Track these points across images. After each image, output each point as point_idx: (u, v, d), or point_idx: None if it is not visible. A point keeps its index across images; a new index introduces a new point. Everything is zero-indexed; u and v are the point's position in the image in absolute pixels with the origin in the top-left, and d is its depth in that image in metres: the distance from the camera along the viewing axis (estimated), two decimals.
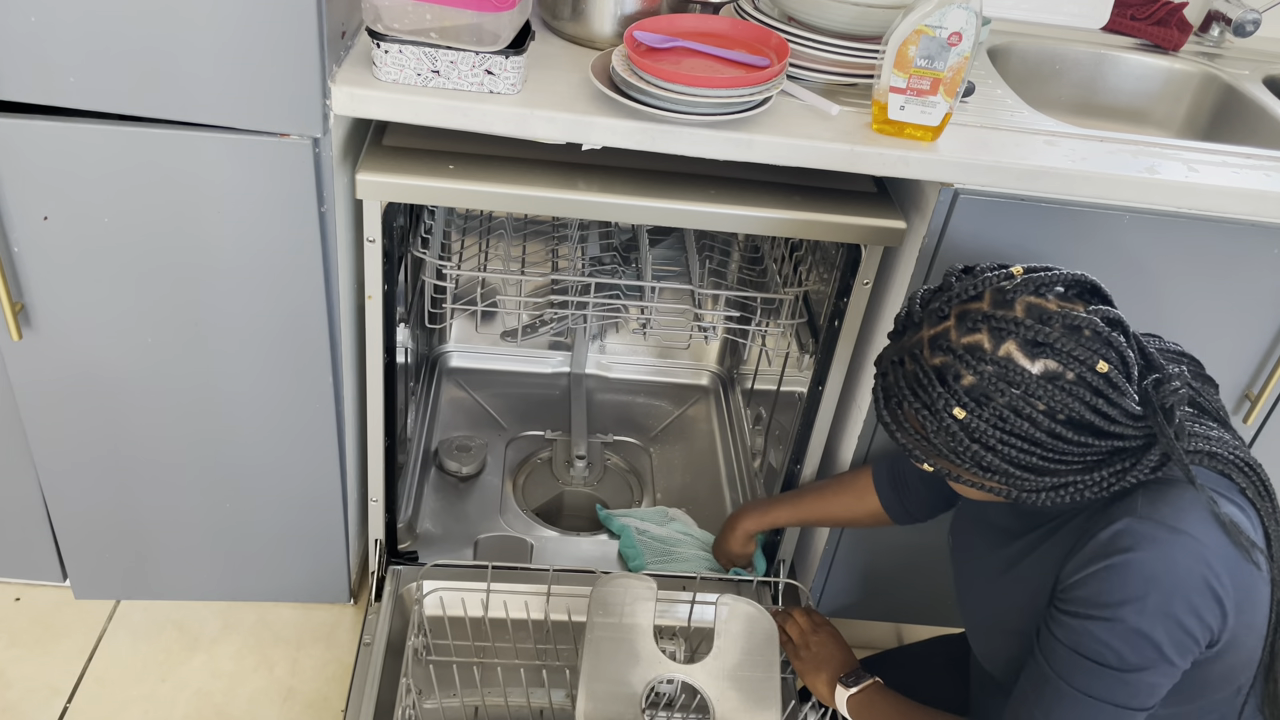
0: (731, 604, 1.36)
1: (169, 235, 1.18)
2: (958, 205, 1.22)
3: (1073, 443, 0.89)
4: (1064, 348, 0.87)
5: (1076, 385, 0.87)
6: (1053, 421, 0.88)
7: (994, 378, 0.87)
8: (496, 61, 1.13)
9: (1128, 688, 0.90)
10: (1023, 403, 0.87)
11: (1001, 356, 0.87)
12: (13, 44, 1.03)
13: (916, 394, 0.91)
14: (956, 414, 0.89)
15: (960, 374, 0.88)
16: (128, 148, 1.12)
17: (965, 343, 0.89)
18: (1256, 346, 1.35)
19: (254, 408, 1.34)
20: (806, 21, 1.27)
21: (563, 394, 2.00)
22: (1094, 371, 0.87)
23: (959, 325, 0.90)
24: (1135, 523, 0.89)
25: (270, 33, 1.04)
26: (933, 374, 0.90)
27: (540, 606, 1.46)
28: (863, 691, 1.20)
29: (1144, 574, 0.88)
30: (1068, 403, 0.87)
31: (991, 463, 0.90)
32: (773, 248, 1.71)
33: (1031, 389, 0.87)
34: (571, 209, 1.23)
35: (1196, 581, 0.87)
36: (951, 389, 0.89)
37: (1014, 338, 0.88)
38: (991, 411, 0.88)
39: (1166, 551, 0.88)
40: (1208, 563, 0.88)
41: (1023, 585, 1.02)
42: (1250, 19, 1.64)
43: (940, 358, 0.90)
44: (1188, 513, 0.89)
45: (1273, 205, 1.23)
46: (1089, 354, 0.87)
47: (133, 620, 1.59)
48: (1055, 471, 0.91)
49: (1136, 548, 0.88)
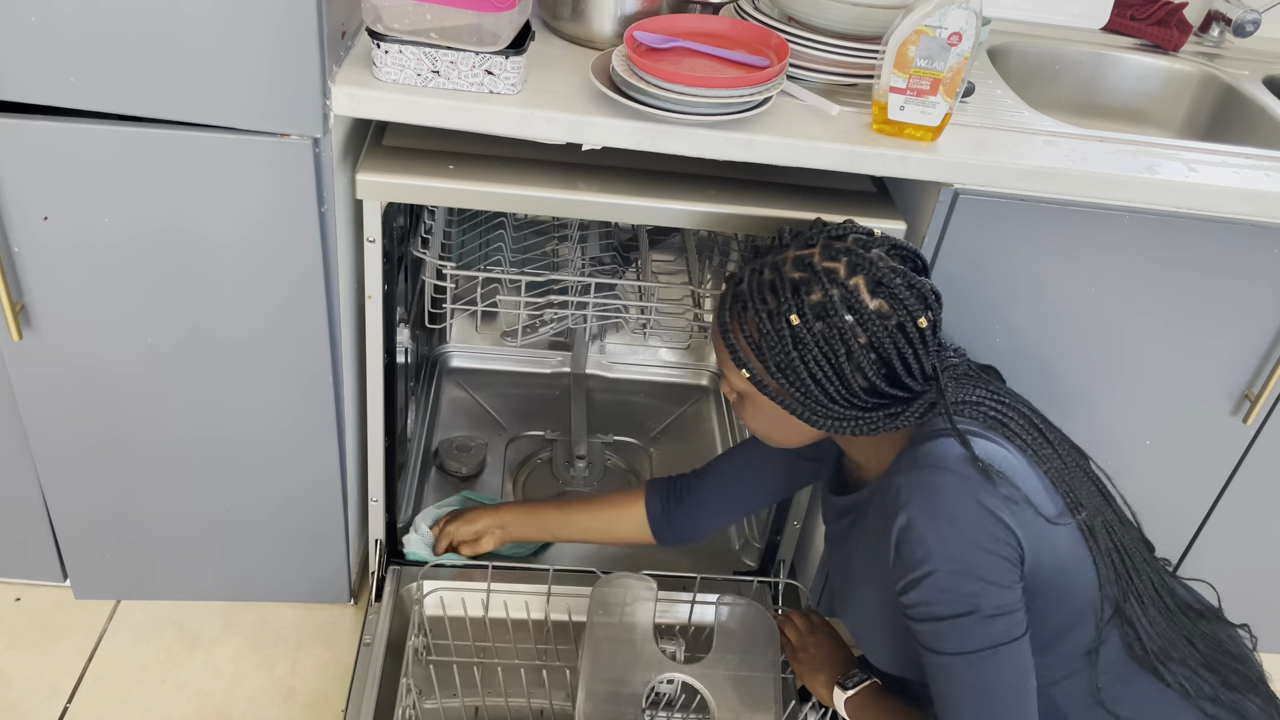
0: (731, 604, 1.36)
1: (169, 235, 1.18)
2: (958, 205, 1.22)
3: (868, 380, 1.01)
4: (900, 295, 0.99)
5: (897, 331, 1.00)
6: (867, 353, 1.00)
7: (838, 300, 0.99)
8: (496, 62, 1.13)
9: (986, 625, 0.97)
10: (850, 330, 0.99)
11: (851, 285, 0.99)
12: (13, 44, 1.03)
13: (766, 299, 1.02)
14: (792, 320, 1.00)
15: (811, 289, 1.00)
16: (128, 148, 1.12)
17: (825, 266, 1.01)
18: (1256, 346, 1.35)
19: (254, 408, 1.34)
20: (806, 22, 1.27)
21: (563, 394, 2.00)
22: (914, 323, 1.00)
23: (823, 252, 1.02)
24: (902, 478, 1.00)
25: (270, 33, 1.04)
26: (788, 284, 1.01)
27: (540, 606, 1.46)
28: (860, 693, 1.21)
29: (926, 519, 0.97)
30: (884, 342, 0.99)
31: (799, 374, 1.01)
32: None
33: (862, 319, 0.99)
34: (571, 209, 1.23)
35: (970, 504, 0.96)
36: (799, 299, 1.00)
37: (865, 274, 1.00)
38: (822, 327, 0.99)
39: (933, 491, 0.98)
40: (971, 487, 0.97)
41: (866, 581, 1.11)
42: (1250, 19, 1.64)
43: (799, 273, 1.01)
44: (941, 454, 0.99)
45: (1273, 205, 1.23)
46: (917, 307, 1.00)
47: (133, 620, 1.59)
48: (841, 401, 1.02)
49: (910, 501, 0.98)
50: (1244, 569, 1.60)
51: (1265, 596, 1.65)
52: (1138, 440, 1.43)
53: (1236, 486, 1.49)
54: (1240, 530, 1.54)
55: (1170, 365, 1.36)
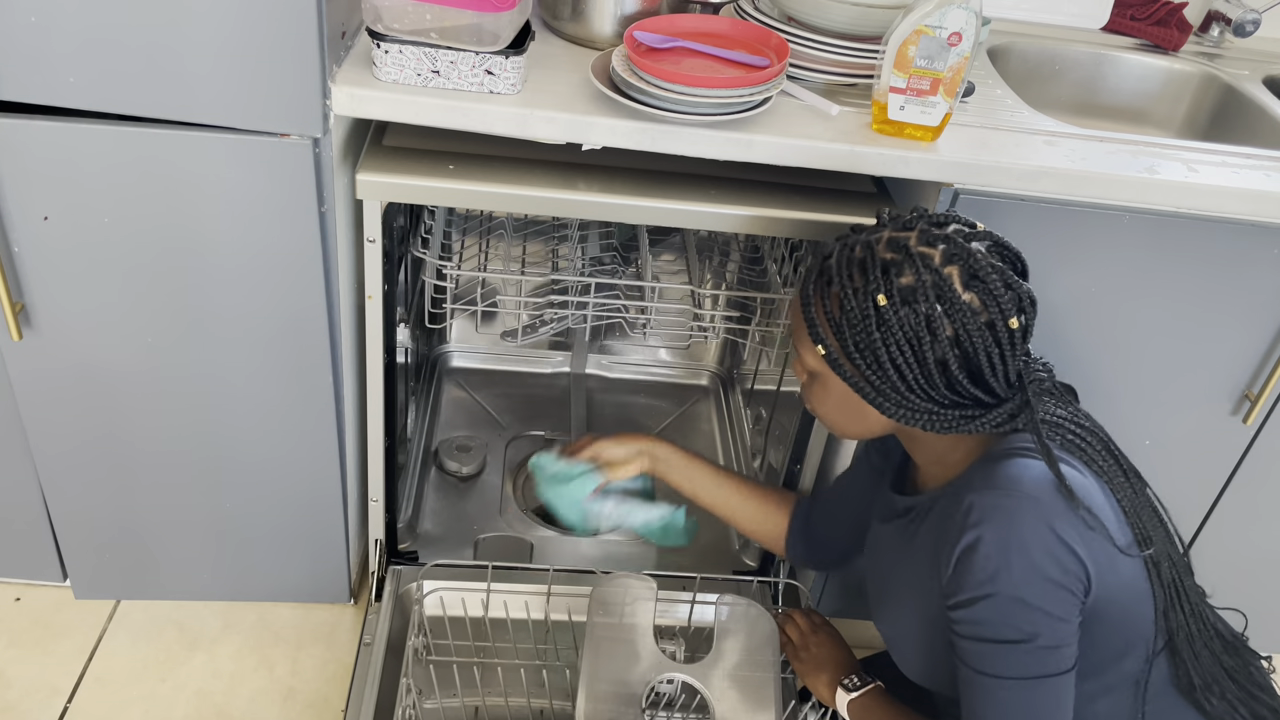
0: (731, 604, 1.36)
1: (169, 235, 1.18)
2: (958, 205, 1.22)
3: (949, 375, 0.97)
4: (995, 291, 0.96)
5: (986, 328, 0.96)
6: (952, 347, 0.96)
7: (929, 286, 0.95)
8: (496, 62, 1.13)
9: (1038, 655, 0.94)
10: (939, 318, 0.96)
11: (944, 273, 0.96)
12: (13, 44, 1.03)
13: (854, 275, 0.99)
14: (879, 299, 0.96)
15: (903, 271, 0.96)
16: (128, 148, 1.12)
17: (920, 250, 0.97)
18: (1256, 346, 1.35)
19: (254, 408, 1.34)
20: (806, 21, 1.27)
21: (563, 394, 2.00)
22: (1005, 323, 0.96)
23: (920, 236, 0.98)
24: (975, 497, 0.96)
25: (270, 33, 1.05)
26: (879, 264, 0.97)
27: (540, 606, 1.46)
28: (863, 695, 1.21)
29: (997, 543, 0.94)
30: (971, 337, 0.96)
31: (877, 358, 0.98)
32: (773, 248, 1.71)
33: (952, 310, 0.95)
34: (571, 209, 1.23)
35: (1045, 533, 0.93)
36: (889, 280, 0.96)
37: (960, 264, 0.96)
38: (910, 313, 0.96)
39: (1009, 516, 0.94)
40: (1048, 514, 0.94)
41: (911, 589, 1.08)
42: (1250, 19, 1.64)
43: (892, 254, 0.98)
44: (1019, 475, 0.96)
45: (1273, 205, 1.23)
46: (1010, 307, 0.96)
47: (133, 620, 1.59)
48: (916, 393, 0.99)
49: (983, 520, 0.94)
50: (1244, 569, 1.60)
51: (1265, 596, 1.65)
52: (1138, 440, 1.43)
53: (1236, 486, 1.49)
54: (1240, 530, 1.54)
55: (1170, 365, 1.36)
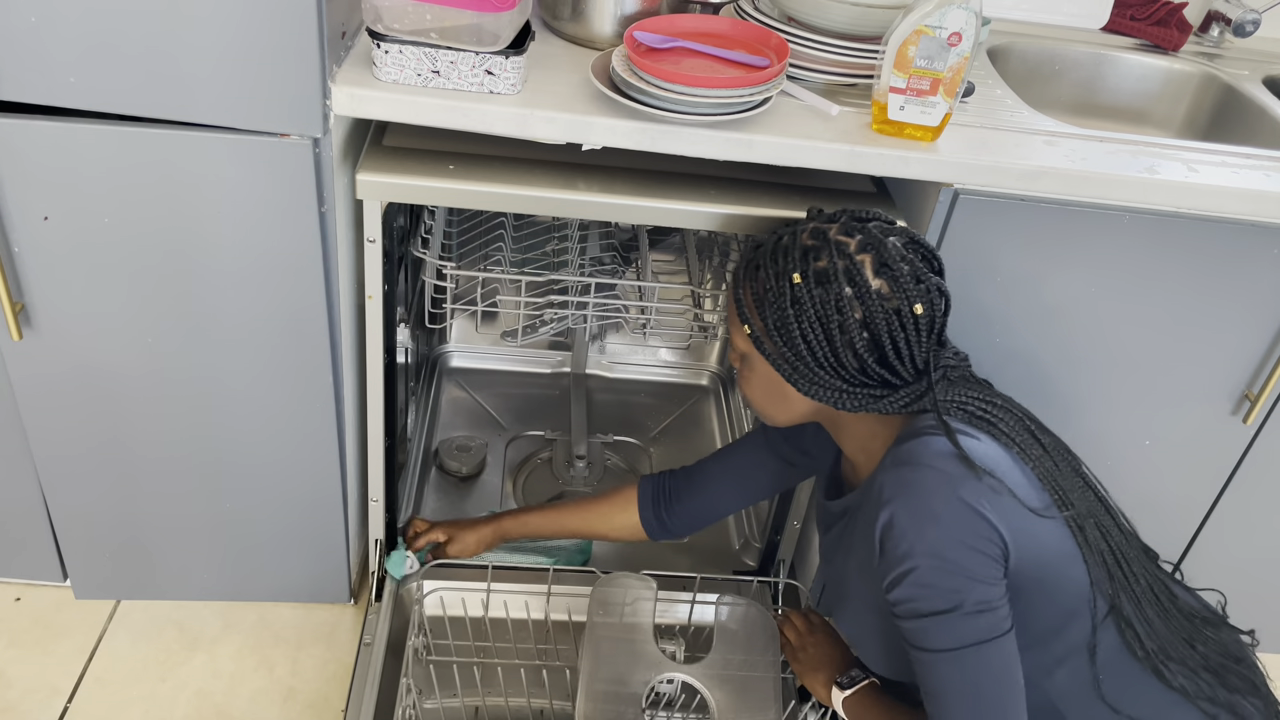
0: (731, 604, 1.36)
1: (169, 235, 1.18)
2: (958, 205, 1.22)
3: (856, 355, 1.02)
4: (902, 279, 1.01)
5: (893, 314, 1.01)
6: (860, 329, 1.01)
7: (840, 271, 1.01)
8: (496, 62, 1.13)
9: (969, 621, 0.97)
10: (848, 302, 1.01)
11: (857, 260, 1.02)
12: (13, 44, 1.03)
13: (775, 259, 1.05)
14: (795, 279, 1.02)
15: (819, 256, 1.03)
16: (128, 148, 1.12)
17: (837, 238, 1.04)
18: (1256, 346, 1.35)
19: (254, 408, 1.34)
20: (806, 22, 1.27)
21: (563, 394, 2.00)
22: (910, 310, 1.01)
23: (841, 227, 1.05)
24: (885, 475, 1.01)
25: (270, 33, 1.05)
26: (798, 249, 1.04)
27: (540, 606, 1.46)
28: (857, 692, 1.21)
29: (908, 515, 0.98)
30: (878, 321, 1.01)
31: (791, 333, 1.03)
32: None
33: (860, 294, 1.01)
34: (571, 209, 1.23)
35: (951, 500, 0.97)
36: (805, 262, 1.03)
37: (873, 253, 1.02)
38: (822, 293, 1.01)
39: (914, 487, 0.99)
40: (952, 482, 0.98)
41: (860, 582, 1.12)
42: (1250, 19, 1.64)
43: (813, 240, 1.05)
44: (921, 451, 1.00)
45: (1273, 205, 1.23)
46: (915, 295, 1.01)
47: (133, 620, 1.59)
48: (828, 369, 1.04)
49: (893, 498, 0.99)
50: (1244, 569, 1.60)
51: (1265, 596, 1.65)
52: (1138, 440, 1.43)
53: (1236, 486, 1.49)
54: (1240, 530, 1.54)
55: (1170, 365, 1.36)
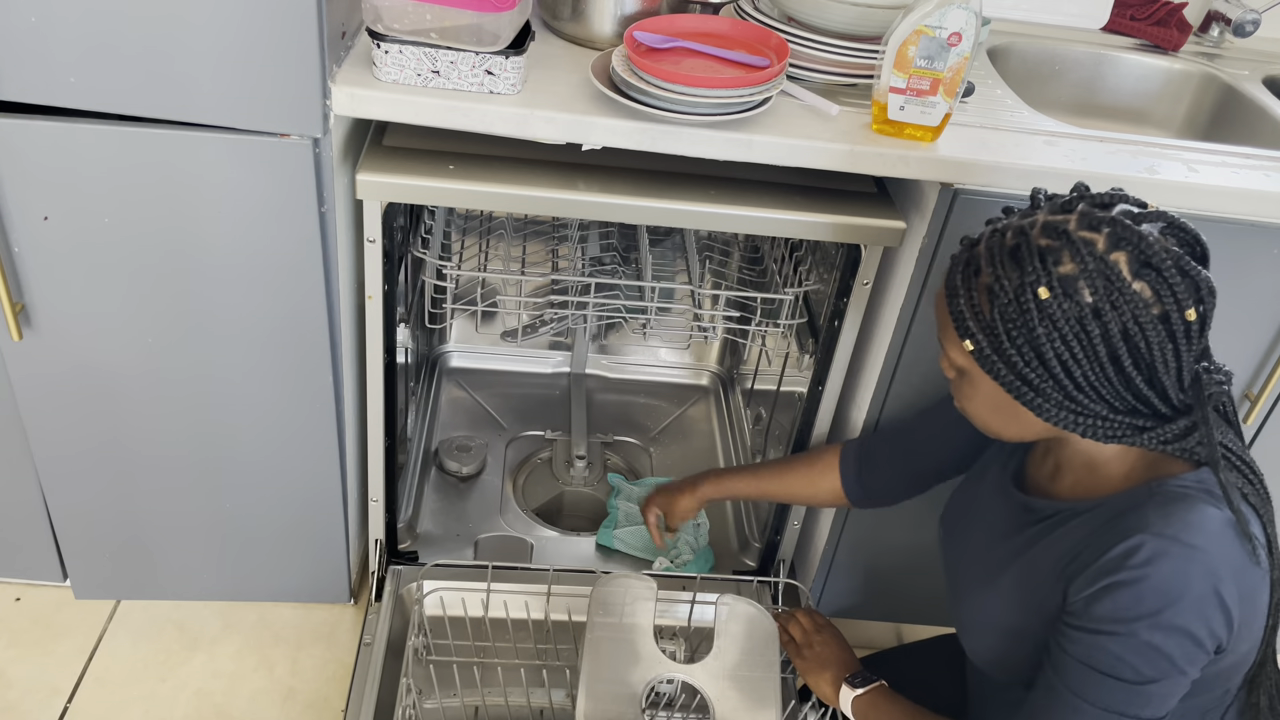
0: (731, 604, 1.36)
1: (169, 235, 1.18)
2: (958, 205, 1.22)
3: (1121, 374, 0.88)
4: (1170, 279, 0.85)
5: (1159, 320, 0.86)
6: (1120, 343, 0.87)
7: (1094, 274, 0.86)
8: (496, 62, 1.13)
9: (1140, 698, 0.91)
10: (1107, 310, 0.86)
11: (1110, 259, 0.86)
12: (13, 44, 1.03)
13: (1007, 264, 0.89)
14: (1040, 293, 0.87)
15: (1062, 259, 0.87)
16: (128, 148, 1.12)
17: (1082, 235, 0.87)
18: (1256, 346, 1.35)
19: (254, 408, 1.34)
20: (806, 22, 1.27)
21: (563, 394, 2.00)
22: (1181, 314, 0.86)
23: (1080, 220, 0.88)
24: (1150, 539, 0.88)
25: (270, 33, 1.04)
26: (1035, 251, 0.88)
27: (540, 606, 1.46)
28: (869, 693, 1.20)
29: (1159, 590, 0.87)
30: (1144, 331, 0.86)
31: (1040, 355, 0.89)
32: (773, 248, 1.71)
33: (1120, 300, 0.86)
34: (571, 209, 1.23)
35: (1208, 594, 0.88)
36: (1047, 269, 0.87)
37: (1129, 248, 0.86)
38: (1073, 305, 0.87)
39: (1181, 567, 0.87)
40: (1218, 574, 0.88)
41: (1018, 586, 1.02)
42: (1250, 19, 1.64)
43: (1049, 240, 0.88)
44: (1200, 526, 0.89)
45: (1273, 205, 1.23)
46: (1186, 297, 0.86)
47: (133, 620, 1.59)
48: (1084, 393, 0.90)
49: (1150, 564, 0.88)
50: None
51: None
52: None
53: None
54: None
55: None
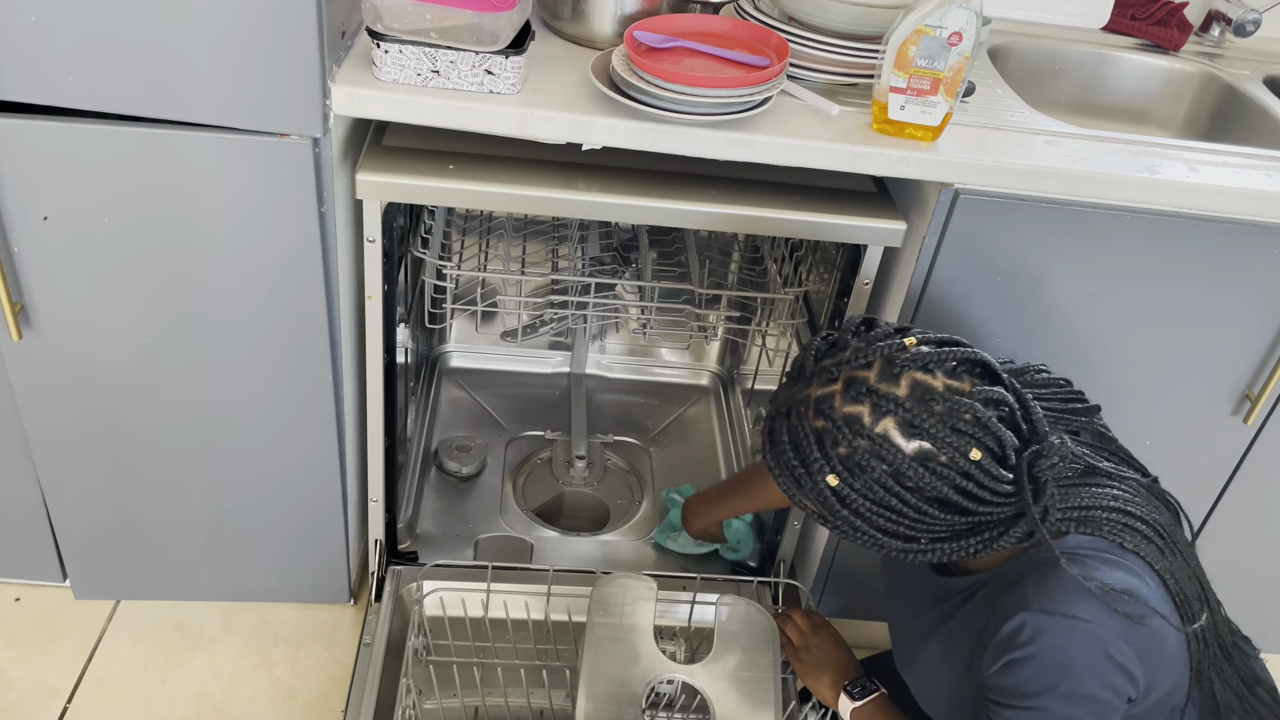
0: (731, 604, 1.36)
1: (169, 235, 1.18)
2: (958, 205, 1.22)
3: (938, 519, 0.92)
4: (939, 433, 0.89)
5: (947, 468, 0.89)
6: (920, 499, 0.90)
7: (867, 453, 0.89)
8: (496, 61, 1.13)
9: None
10: (892, 480, 0.90)
11: (879, 433, 0.89)
12: (13, 44, 1.03)
13: (796, 451, 0.93)
14: (829, 480, 0.91)
15: (837, 442, 0.90)
16: (128, 148, 1.12)
17: (846, 413, 0.90)
18: (1256, 346, 1.35)
19: (254, 407, 1.34)
20: (806, 21, 1.27)
21: (563, 394, 2.00)
22: (966, 458, 0.89)
23: (844, 392, 0.91)
24: (1030, 617, 0.92)
25: (270, 33, 1.04)
26: (812, 436, 0.91)
27: (540, 606, 1.46)
28: (868, 704, 1.20)
29: (1049, 665, 0.91)
30: (936, 484, 0.89)
31: (859, 526, 0.93)
32: (773, 248, 1.71)
33: (903, 468, 0.89)
34: (571, 209, 1.23)
35: (1099, 660, 0.91)
36: (827, 455, 0.91)
37: (893, 416, 0.89)
38: (863, 483, 0.90)
39: (1064, 639, 0.91)
40: (1105, 640, 0.91)
41: (944, 656, 1.06)
42: (1250, 19, 1.64)
43: (821, 422, 0.91)
44: (1076, 597, 0.92)
45: (1273, 205, 1.23)
46: (964, 440, 0.89)
47: (133, 620, 1.59)
48: (921, 539, 0.94)
49: (1035, 640, 0.91)
50: (1244, 569, 1.60)
51: (1265, 596, 1.65)
52: (1138, 440, 1.43)
53: (1236, 486, 1.49)
54: (1240, 530, 1.54)
55: (1170, 365, 1.36)
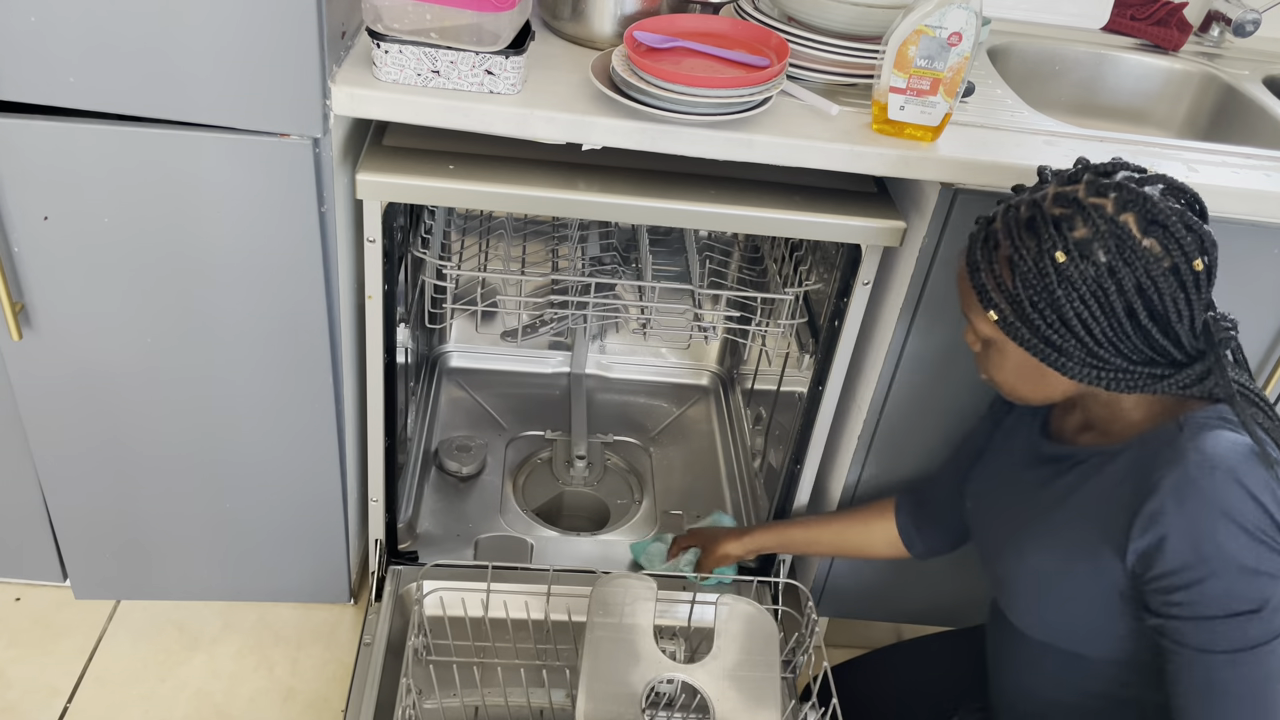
0: (731, 604, 1.36)
1: (169, 235, 1.18)
2: (958, 205, 1.22)
3: (1138, 328, 0.94)
4: (1176, 233, 0.92)
5: (1170, 273, 0.92)
6: (1135, 297, 0.92)
7: (1106, 235, 0.92)
8: (496, 61, 1.13)
9: (1273, 618, 0.90)
10: (1122, 267, 0.92)
11: (1120, 220, 0.92)
12: (13, 44, 1.03)
13: (1024, 235, 0.96)
14: (1058, 256, 0.93)
15: (1075, 225, 0.93)
16: (128, 148, 1.12)
17: (1091, 201, 0.94)
18: (1257, 347, 1.35)
19: (254, 408, 1.34)
20: (806, 21, 1.27)
21: (563, 394, 2.00)
22: (1189, 265, 0.92)
23: (1088, 188, 0.95)
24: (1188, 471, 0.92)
25: (270, 33, 1.05)
26: (1050, 220, 0.94)
27: (540, 606, 1.46)
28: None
29: (1205, 520, 0.90)
30: (1157, 284, 0.92)
31: (1062, 316, 0.95)
32: (773, 248, 1.71)
33: (1133, 257, 0.92)
34: (571, 209, 1.23)
35: (1253, 506, 0.90)
36: (1063, 235, 0.93)
37: (1136, 209, 0.93)
38: (1090, 266, 0.93)
39: (1212, 493, 0.90)
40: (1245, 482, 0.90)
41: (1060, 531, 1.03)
42: (1250, 19, 1.64)
43: (1061, 209, 0.95)
44: (1222, 454, 0.92)
45: (1273, 205, 1.23)
46: (1192, 249, 0.92)
47: (133, 620, 1.59)
48: (1105, 348, 0.95)
49: (1193, 498, 0.91)
50: None
51: None
52: None
53: None
54: None
55: None
